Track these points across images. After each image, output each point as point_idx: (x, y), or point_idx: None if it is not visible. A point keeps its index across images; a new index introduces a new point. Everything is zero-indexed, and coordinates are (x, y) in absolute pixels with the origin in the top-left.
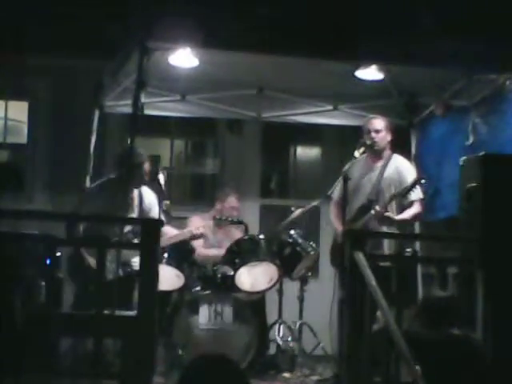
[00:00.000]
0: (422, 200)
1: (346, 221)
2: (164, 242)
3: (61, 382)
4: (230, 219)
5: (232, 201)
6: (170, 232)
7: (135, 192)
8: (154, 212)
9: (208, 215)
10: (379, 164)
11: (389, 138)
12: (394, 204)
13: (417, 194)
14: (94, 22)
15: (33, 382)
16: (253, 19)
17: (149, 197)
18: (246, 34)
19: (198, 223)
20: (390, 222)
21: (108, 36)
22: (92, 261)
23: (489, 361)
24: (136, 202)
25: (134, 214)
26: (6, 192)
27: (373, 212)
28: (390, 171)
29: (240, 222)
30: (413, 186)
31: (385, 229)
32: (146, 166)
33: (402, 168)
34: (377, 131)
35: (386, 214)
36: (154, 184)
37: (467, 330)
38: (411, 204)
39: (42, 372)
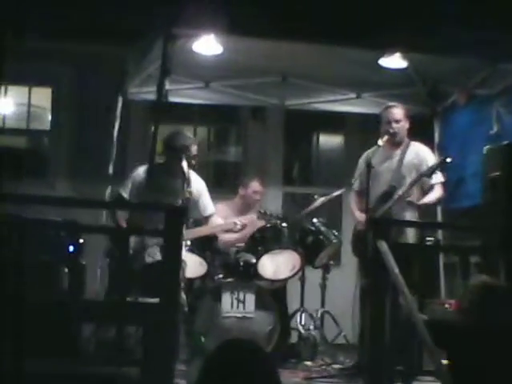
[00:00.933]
0: (443, 183)
1: (368, 209)
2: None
3: (84, 369)
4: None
5: (255, 185)
6: (217, 221)
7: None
8: (203, 199)
9: (232, 202)
10: (397, 151)
11: (408, 126)
12: (415, 189)
13: (438, 177)
14: (118, 8)
15: (56, 368)
16: (277, 6)
17: (197, 183)
18: (270, 21)
19: (222, 211)
20: (412, 206)
21: (132, 23)
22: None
23: None
24: (185, 188)
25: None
26: (29, 178)
27: (400, 193)
28: (409, 157)
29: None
30: (438, 165)
31: (407, 216)
32: (194, 150)
33: (423, 153)
34: (397, 121)
35: (408, 199)
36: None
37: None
38: (432, 187)
39: (64, 358)
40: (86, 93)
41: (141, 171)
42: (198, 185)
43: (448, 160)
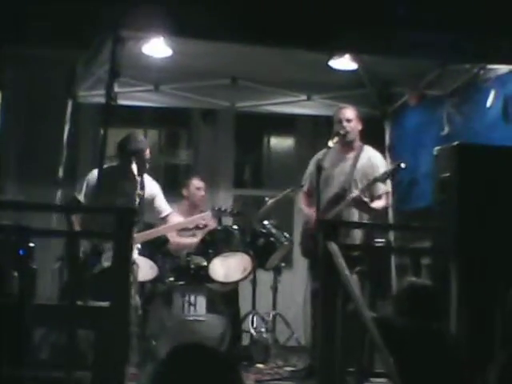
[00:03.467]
0: (388, 193)
1: (318, 211)
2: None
3: (34, 374)
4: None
5: (195, 182)
6: (176, 220)
7: (138, 181)
8: (158, 201)
9: (179, 206)
10: (351, 155)
11: (360, 127)
12: (366, 194)
13: (385, 187)
14: (66, 11)
15: (5, 373)
16: (226, 9)
17: (150, 186)
18: (220, 23)
19: (177, 219)
20: (366, 208)
21: (81, 25)
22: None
23: (462, 354)
24: (138, 190)
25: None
26: None
27: (353, 195)
28: (362, 162)
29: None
30: (393, 171)
31: (357, 219)
32: (147, 154)
33: (375, 160)
34: (348, 120)
35: (364, 199)
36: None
37: (440, 322)
38: (379, 197)
39: (14, 364)
40: (35, 96)
41: (95, 174)
42: (152, 187)
43: (402, 166)
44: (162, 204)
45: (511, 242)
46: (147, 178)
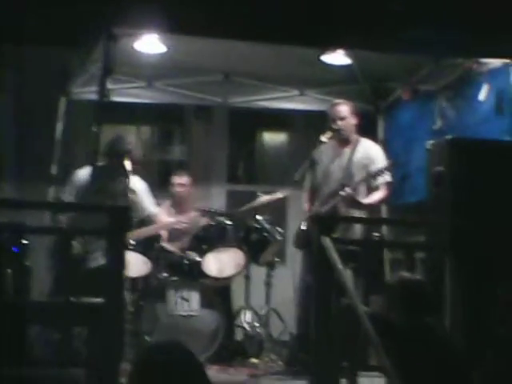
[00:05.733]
0: (388, 184)
1: (314, 205)
2: (156, 229)
3: (28, 371)
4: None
5: (177, 178)
6: (163, 219)
7: (124, 180)
8: (144, 200)
9: (167, 203)
10: (347, 149)
11: (354, 122)
12: (361, 187)
13: (384, 177)
14: (59, 8)
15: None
16: (219, 5)
17: (138, 185)
18: (213, 20)
19: (165, 218)
20: (358, 205)
21: (74, 22)
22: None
23: (456, 348)
24: (124, 190)
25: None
26: None
27: (343, 194)
28: (359, 155)
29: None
30: (385, 168)
31: (354, 213)
32: (136, 154)
33: (371, 151)
34: (342, 118)
35: (355, 197)
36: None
37: (436, 316)
38: (378, 188)
39: (8, 361)
40: (28, 94)
41: (80, 174)
42: (139, 186)
43: (396, 163)
44: (149, 203)
45: (505, 236)
46: (135, 178)
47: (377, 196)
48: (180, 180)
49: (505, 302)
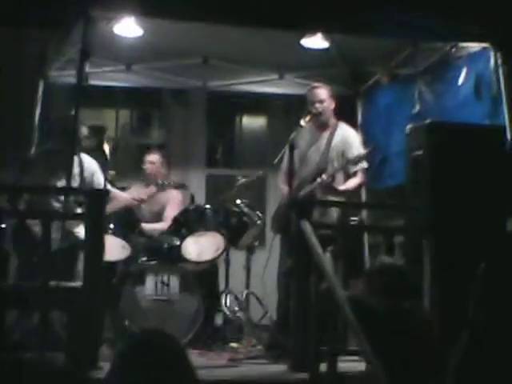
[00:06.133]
0: (365, 170)
1: (293, 189)
2: (113, 206)
3: (6, 355)
4: (171, 182)
5: (148, 157)
6: (119, 196)
7: (75, 161)
8: (97, 180)
9: (136, 185)
10: (326, 133)
11: (333, 105)
12: (339, 174)
13: (361, 164)
14: None
15: None
16: None
17: (90, 165)
18: (190, 2)
19: (134, 192)
20: (334, 191)
21: (52, 5)
22: (38, 231)
23: (434, 332)
24: (76, 170)
25: (76, 184)
26: None
27: (319, 180)
28: (337, 140)
29: (182, 186)
30: (365, 155)
31: (331, 198)
32: (81, 132)
33: (349, 137)
34: (320, 101)
35: (332, 184)
36: (98, 154)
37: (414, 300)
38: (355, 174)
39: None
40: (6, 77)
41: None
42: (90, 167)
43: (375, 150)
44: (101, 180)
45: (484, 219)
46: (86, 158)
47: (353, 182)
48: (150, 158)
49: (482, 284)
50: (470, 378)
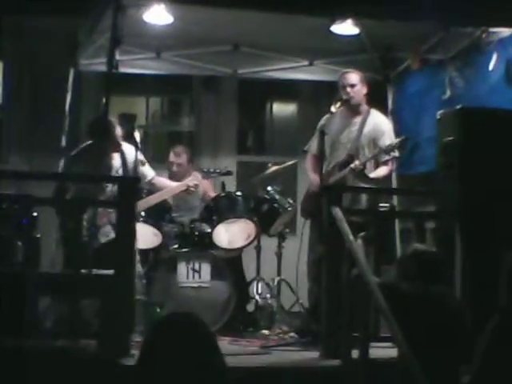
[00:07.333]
0: (395, 159)
1: (323, 175)
2: (164, 195)
3: (40, 342)
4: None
5: (170, 156)
6: (168, 184)
7: (115, 154)
8: (141, 168)
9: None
10: (357, 119)
11: (364, 91)
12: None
13: (393, 153)
14: None
15: (12, 342)
16: None
17: (132, 153)
18: None
19: (163, 181)
20: (365, 178)
21: None
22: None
23: (465, 318)
24: (118, 163)
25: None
26: None
27: (352, 166)
28: (369, 127)
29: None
30: (398, 144)
31: (361, 185)
32: (118, 131)
33: (382, 125)
34: (352, 85)
35: (364, 171)
36: (130, 142)
37: (445, 286)
38: (386, 162)
39: (19, 333)
40: (37, 66)
41: (74, 153)
42: (133, 154)
43: (407, 140)
44: (146, 169)
45: None
46: (127, 146)
47: (383, 171)
48: (171, 158)
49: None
50: (498, 362)
